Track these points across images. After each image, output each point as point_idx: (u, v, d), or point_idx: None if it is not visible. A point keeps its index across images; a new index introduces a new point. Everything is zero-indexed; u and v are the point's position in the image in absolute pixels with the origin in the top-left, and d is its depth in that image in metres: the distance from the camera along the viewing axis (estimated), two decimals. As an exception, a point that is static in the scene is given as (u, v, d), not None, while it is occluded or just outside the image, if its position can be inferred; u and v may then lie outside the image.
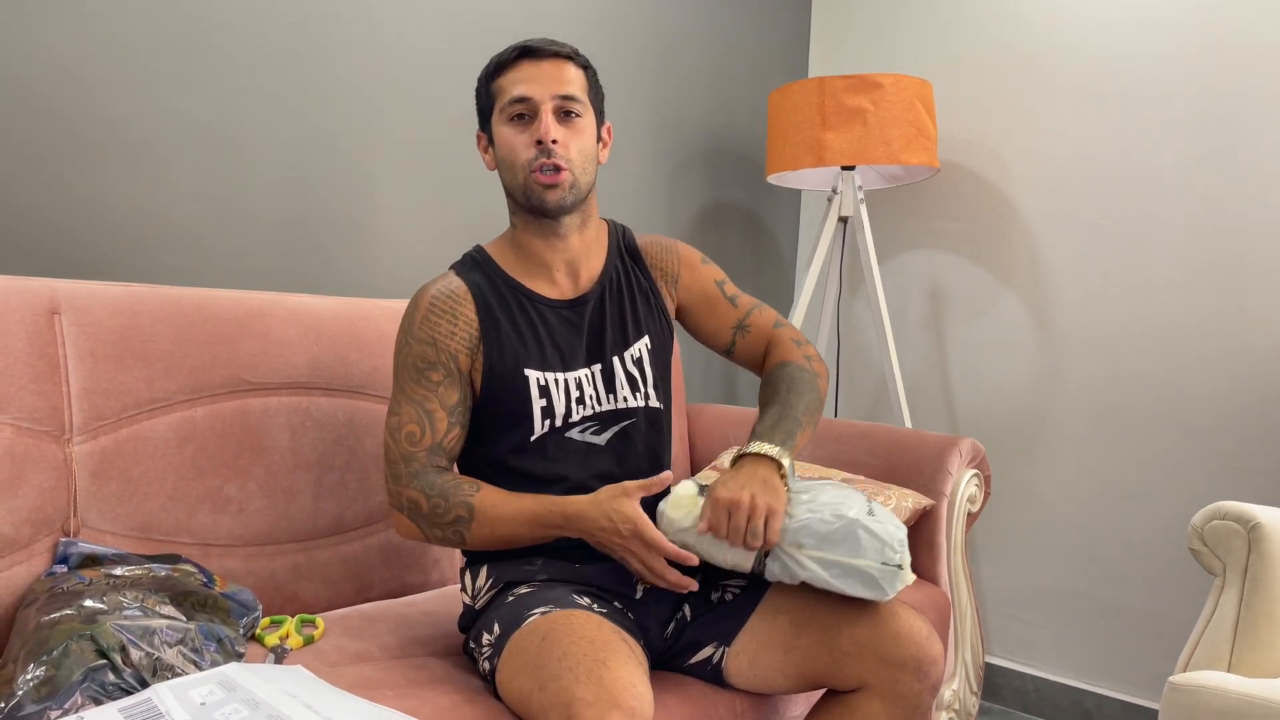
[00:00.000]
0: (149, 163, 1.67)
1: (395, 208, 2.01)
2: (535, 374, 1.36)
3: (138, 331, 1.43)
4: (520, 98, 1.32)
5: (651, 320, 1.47)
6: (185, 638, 1.17)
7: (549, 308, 1.40)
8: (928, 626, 1.32)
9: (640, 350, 1.44)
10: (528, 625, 1.22)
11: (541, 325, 1.39)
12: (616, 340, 1.42)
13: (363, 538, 1.64)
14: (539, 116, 1.32)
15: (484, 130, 1.40)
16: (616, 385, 1.41)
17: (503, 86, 1.34)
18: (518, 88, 1.32)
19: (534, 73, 1.32)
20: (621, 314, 1.44)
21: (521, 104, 1.32)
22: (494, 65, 1.36)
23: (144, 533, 1.40)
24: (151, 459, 1.41)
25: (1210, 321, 2.26)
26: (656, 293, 1.49)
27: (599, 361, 1.41)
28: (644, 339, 1.45)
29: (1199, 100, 2.27)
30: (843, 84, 2.32)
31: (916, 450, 1.98)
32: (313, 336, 1.61)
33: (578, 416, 1.38)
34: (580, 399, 1.38)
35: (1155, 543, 2.34)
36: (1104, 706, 2.40)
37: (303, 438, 1.57)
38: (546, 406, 1.36)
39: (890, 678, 1.29)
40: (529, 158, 1.33)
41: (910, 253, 2.76)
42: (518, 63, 1.33)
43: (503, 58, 1.35)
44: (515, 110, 1.32)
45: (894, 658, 1.28)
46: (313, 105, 1.87)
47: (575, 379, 1.39)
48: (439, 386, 1.33)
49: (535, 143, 1.32)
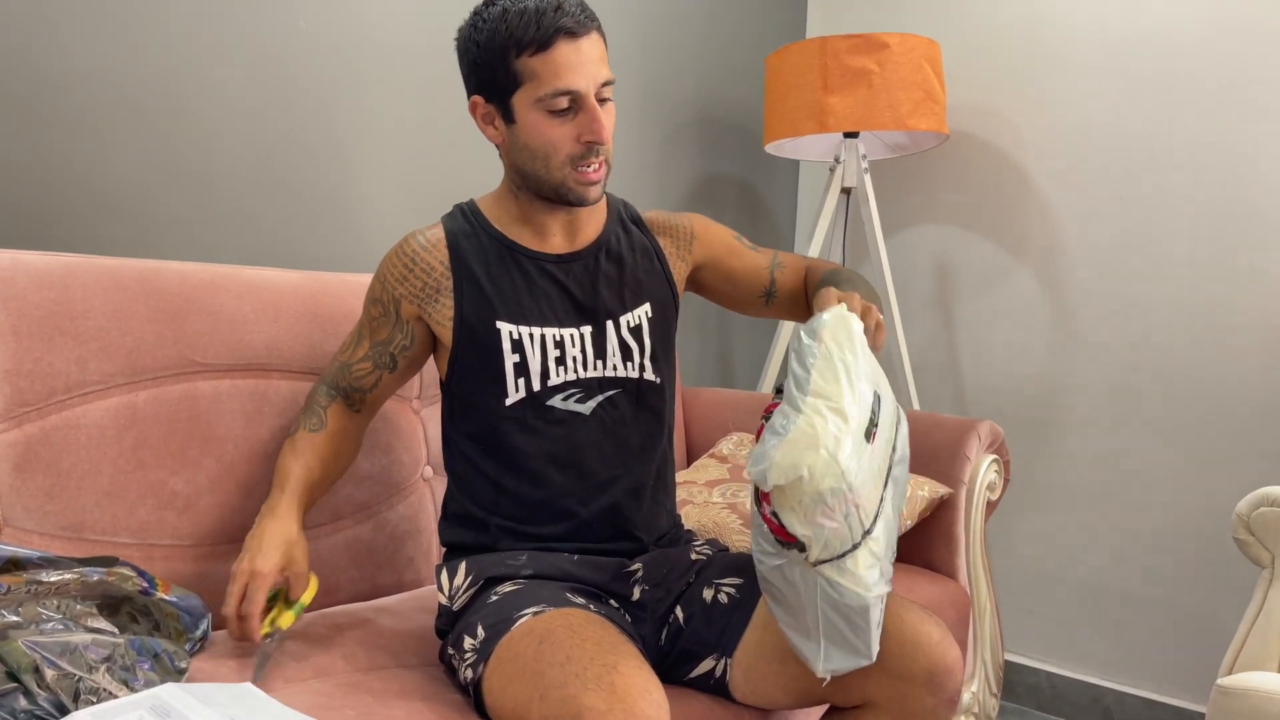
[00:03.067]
0: (88, 124, 1.51)
1: (365, 174, 1.86)
2: (508, 326, 1.25)
3: (69, 306, 1.27)
4: (567, 91, 1.16)
5: (655, 285, 1.36)
6: (114, 654, 1.02)
7: (530, 259, 1.29)
8: (941, 629, 1.18)
9: (639, 317, 1.33)
10: (520, 627, 1.09)
11: (520, 276, 1.28)
12: (613, 302, 1.31)
13: (328, 535, 1.49)
14: (583, 109, 1.19)
15: (492, 103, 1.22)
16: (607, 351, 1.30)
17: (537, 72, 1.16)
18: (562, 79, 1.16)
19: (575, 58, 1.16)
20: (620, 275, 1.33)
21: (567, 96, 1.17)
22: (519, 41, 1.16)
23: (76, 532, 1.25)
24: (84, 449, 1.26)
25: (1238, 296, 2.14)
26: (663, 258, 1.39)
27: (590, 323, 1.30)
28: (645, 305, 1.34)
29: (1220, 67, 2.15)
30: (845, 44, 2.18)
31: (931, 434, 1.85)
32: (270, 313, 1.46)
33: (557, 379, 1.26)
34: (561, 359, 1.26)
35: (1179, 532, 2.22)
36: (1125, 704, 2.28)
37: (259, 425, 1.42)
38: (520, 363, 1.25)
39: (899, 693, 1.15)
40: (572, 154, 1.20)
41: (917, 226, 2.63)
42: (554, 43, 1.15)
43: (533, 36, 1.15)
44: (560, 104, 1.17)
45: (902, 670, 1.15)
46: (273, 62, 1.71)
47: (555, 335, 1.27)
48: (373, 321, 1.33)
49: (579, 139, 1.20)
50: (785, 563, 1.08)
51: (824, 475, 1.00)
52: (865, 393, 1.07)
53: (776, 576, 1.09)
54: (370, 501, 1.54)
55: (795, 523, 1.02)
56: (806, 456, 1.00)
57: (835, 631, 1.09)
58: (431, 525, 1.62)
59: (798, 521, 1.02)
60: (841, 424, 1.02)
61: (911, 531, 1.83)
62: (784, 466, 1.00)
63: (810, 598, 1.07)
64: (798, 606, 1.09)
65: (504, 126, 1.23)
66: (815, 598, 1.07)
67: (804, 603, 1.08)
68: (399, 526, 1.57)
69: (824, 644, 1.09)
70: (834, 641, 1.09)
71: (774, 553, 1.08)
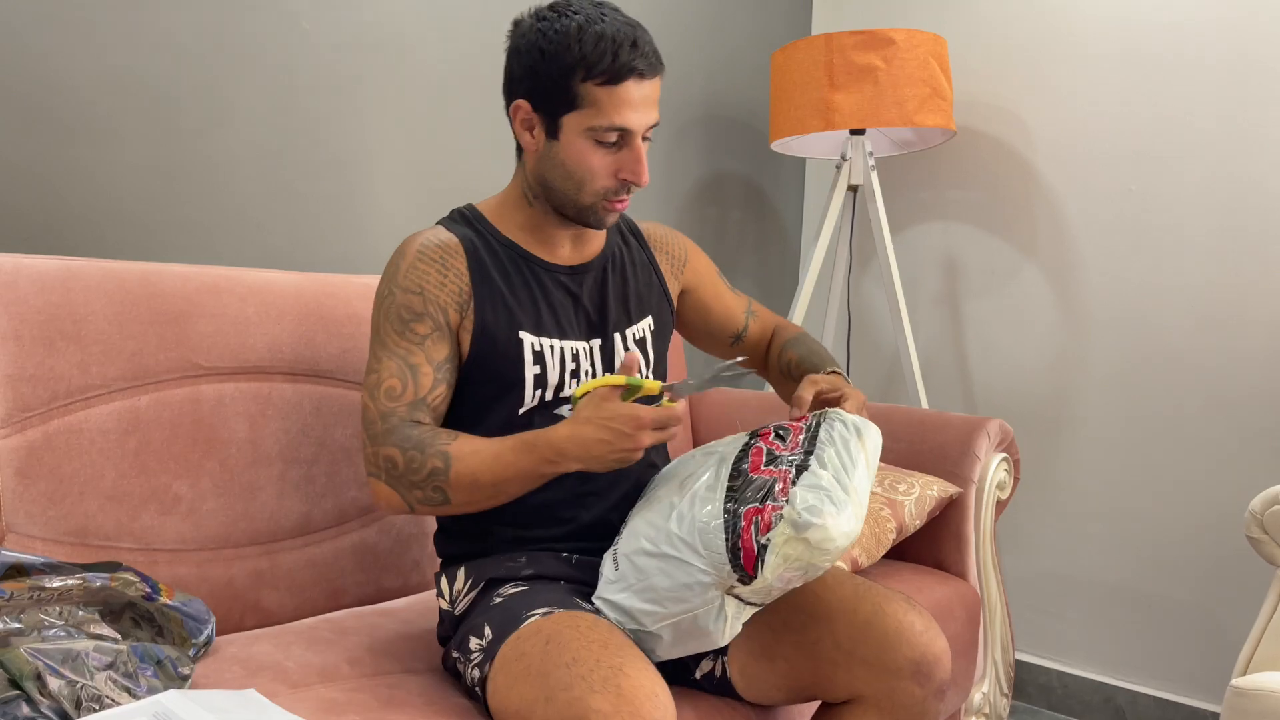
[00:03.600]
0: (90, 127, 1.51)
1: (367, 176, 1.85)
2: (530, 338, 1.24)
3: (70, 310, 1.26)
4: (621, 129, 1.16)
5: (653, 300, 1.37)
6: (116, 661, 1.01)
7: (546, 271, 1.28)
8: (925, 619, 1.17)
9: (644, 330, 1.34)
10: (527, 627, 1.08)
11: (538, 288, 1.26)
12: (619, 316, 1.31)
13: (333, 539, 1.48)
14: (629, 146, 1.19)
15: (539, 113, 1.19)
16: (615, 364, 1.29)
17: (599, 101, 1.15)
18: (621, 116, 1.15)
19: (638, 98, 1.16)
20: (624, 289, 1.33)
21: (618, 133, 1.17)
22: (590, 66, 1.14)
23: (79, 538, 1.24)
24: (87, 454, 1.25)
25: (1250, 291, 2.11)
26: (660, 274, 1.40)
27: (599, 337, 1.30)
28: (647, 319, 1.35)
29: (1232, 57, 2.12)
30: (851, 40, 2.17)
31: (940, 433, 1.83)
32: (274, 315, 1.45)
33: (569, 391, 1.26)
34: (575, 371, 1.26)
35: (1192, 530, 2.19)
36: (1137, 703, 2.26)
37: (263, 428, 1.41)
38: (540, 375, 1.23)
39: (886, 687, 1.14)
40: (607, 187, 1.20)
41: (924, 224, 2.61)
42: (624, 80, 1.14)
43: (606, 66, 1.13)
44: (610, 138, 1.17)
45: (887, 663, 1.13)
46: (275, 64, 1.70)
47: (572, 348, 1.26)
48: (425, 340, 1.19)
49: (617, 174, 1.19)
50: (704, 571, 1.09)
51: (832, 557, 1.06)
52: None
53: (674, 567, 1.10)
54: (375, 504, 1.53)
55: (773, 565, 1.06)
56: (843, 541, 1.05)
57: (676, 633, 1.13)
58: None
59: (774, 566, 1.06)
60: (857, 530, 1.08)
61: (921, 531, 1.81)
62: (835, 535, 1.05)
63: (684, 606, 1.10)
64: (665, 598, 1.11)
65: (543, 138, 1.20)
66: (692, 609, 1.10)
67: (671, 602, 1.11)
68: (404, 529, 1.56)
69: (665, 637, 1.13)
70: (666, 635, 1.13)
71: (704, 560, 1.09)
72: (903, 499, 1.70)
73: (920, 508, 1.71)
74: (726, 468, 1.16)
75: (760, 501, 1.08)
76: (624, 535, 1.17)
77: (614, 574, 1.15)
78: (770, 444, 1.17)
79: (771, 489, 1.09)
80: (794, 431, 1.18)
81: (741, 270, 2.69)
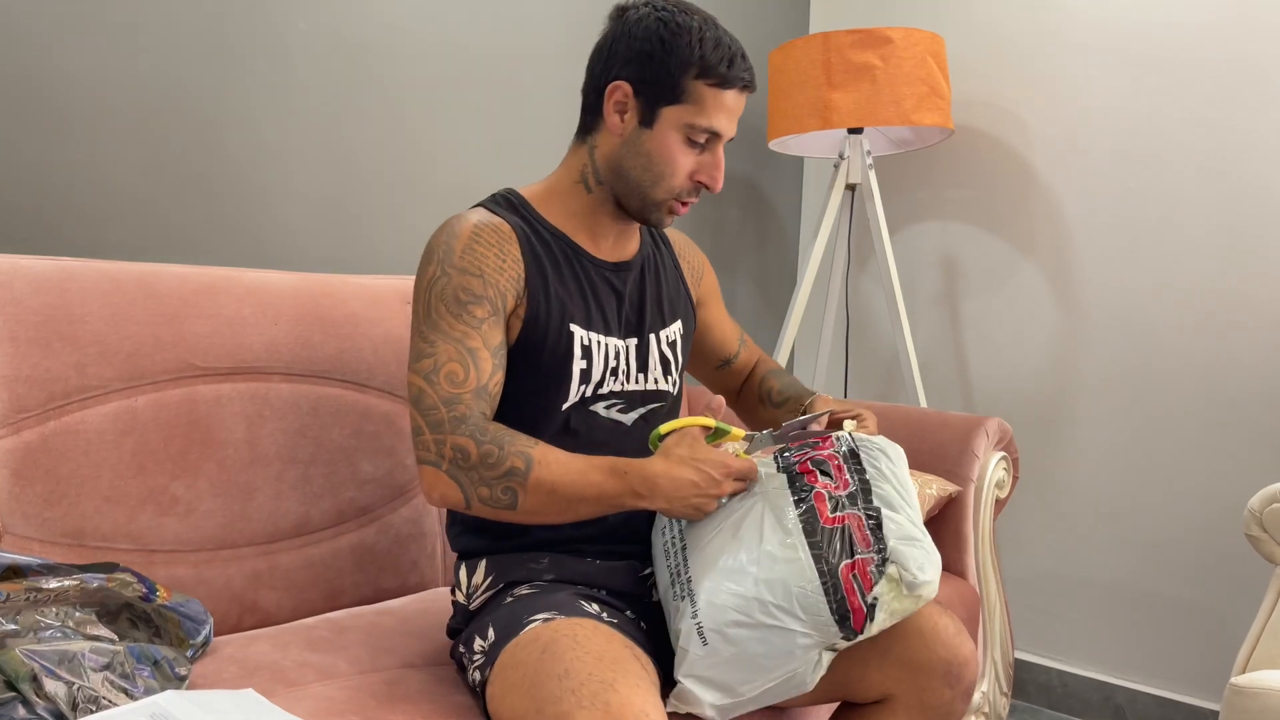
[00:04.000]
0: (86, 126, 1.50)
1: (365, 176, 1.85)
2: (581, 331, 1.22)
3: (67, 311, 1.26)
4: (716, 132, 1.19)
5: (682, 303, 1.38)
6: (113, 661, 1.01)
7: (594, 265, 1.26)
8: (956, 623, 1.19)
9: (675, 333, 1.34)
10: (526, 634, 1.08)
11: (586, 282, 1.25)
12: (655, 317, 1.31)
13: (331, 539, 1.48)
14: (712, 151, 1.21)
15: (640, 97, 1.18)
16: (650, 364, 1.29)
17: (704, 100, 1.17)
18: (718, 119, 1.19)
19: (735, 107, 1.20)
20: (659, 291, 1.34)
21: (709, 136, 1.20)
22: (707, 65, 1.16)
23: (76, 539, 1.24)
24: (84, 455, 1.25)
25: (1248, 288, 2.11)
26: (684, 280, 1.40)
27: (635, 336, 1.29)
28: (678, 322, 1.35)
29: (1229, 53, 2.12)
30: (849, 39, 2.17)
31: (939, 432, 1.83)
32: (271, 316, 1.45)
33: (607, 389, 1.25)
34: (615, 370, 1.25)
35: (1191, 527, 2.19)
36: (1137, 702, 2.26)
37: (260, 429, 1.41)
38: (586, 369, 1.22)
39: (917, 685, 1.15)
40: (683, 186, 1.22)
41: (923, 223, 2.60)
42: (732, 87, 1.18)
43: (722, 71, 1.17)
44: (703, 137, 1.19)
45: (921, 662, 1.15)
46: (272, 63, 1.70)
47: (614, 345, 1.26)
48: (482, 324, 1.14)
49: (694, 175, 1.21)
50: (806, 635, 1.08)
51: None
52: None
53: (774, 635, 1.09)
54: (373, 505, 1.53)
55: (881, 621, 1.08)
56: (938, 584, 1.10)
57: (769, 692, 1.12)
58: (435, 528, 1.61)
59: (883, 622, 1.08)
60: None
61: (920, 530, 1.81)
62: (936, 583, 1.09)
63: (786, 669, 1.10)
64: (765, 665, 1.10)
65: (634, 123, 1.20)
66: (793, 669, 1.10)
67: (771, 668, 1.10)
68: (402, 529, 1.56)
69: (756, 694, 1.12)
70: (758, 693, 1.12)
71: (806, 624, 1.08)
72: (901, 498, 1.70)
73: (920, 507, 1.70)
74: (788, 516, 1.11)
75: (850, 555, 1.08)
76: (700, 605, 1.10)
77: (702, 649, 1.09)
78: (822, 484, 1.14)
79: (851, 539, 1.09)
80: (833, 465, 1.15)
81: (740, 269, 2.69)
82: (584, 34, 2.18)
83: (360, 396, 1.53)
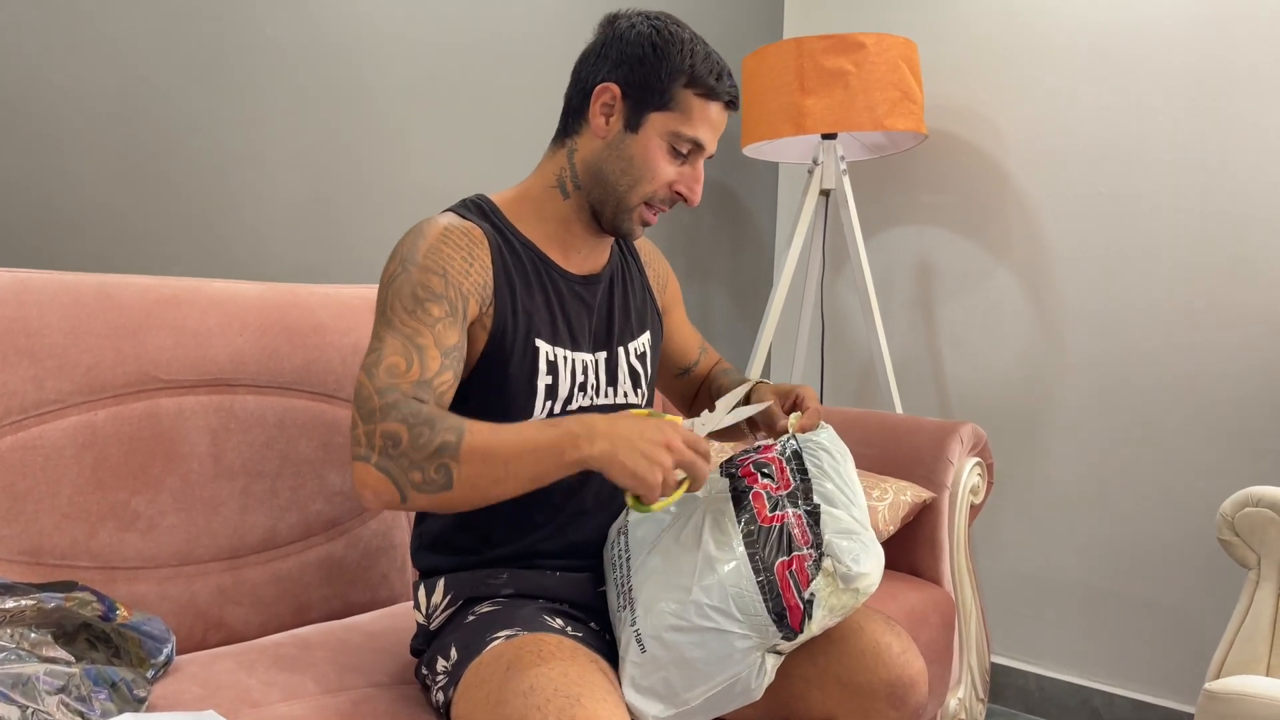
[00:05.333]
0: (43, 136, 1.48)
1: (332, 183, 1.82)
2: (546, 346, 1.20)
3: (23, 324, 1.23)
4: (699, 143, 1.20)
5: (649, 315, 1.36)
6: (69, 684, 0.98)
7: (562, 278, 1.24)
8: (903, 641, 1.16)
9: (644, 345, 1.32)
10: (490, 651, 1.06)
11: (554, 294, 1.23)
12: (623, 329, 1.30)
13: (299, 553, 1.45)
14: (692, 164, 1.22)
15: (627, 100, 1.18)
16: (619, 378, 1.27)
17: (691, 110, 1.18)
18: (702, 130, 1.19)
19: (719, 122, 1.21)
20: (627, 303, 1.32)
21: (693, 146, 1.20)
22: (696, 75, 1.17)
23: (34, 557, 1.21)
24: (42, 471, 1.22)
25: (1220, 292, 2.12)
26: (651, 291, 1.39)
27: (604, 350, 1.27)
28: (646, 333, 1.33)
29: (1201, 63, 2.13)
30: (822, 45, 2.16)
31: (913, 438, 1.83)
32: (236, 326, 1.42)
33: (576, 405, 1.22)
34: (583, 385, 1.23)
35: (1165, 531, 2.20)
36: (1113, 705, 2.26)
37: (225, 442, 1.38)
38: (551, 385, 1.19)
39: (860, 708, 1.14)
40: (658, 193, 1.21)
41: (897, 227, 2.61)
42: (717, 100, 1.19)
43: (709, 82, 1.17)
44: (686, 147, 1.19)
45: (862, 683, 1.12)
46: (235, 71, 1.67)
47: (581, 361, 1.23)
48: (437, 323, 1.10)
49: (672, 185, 1.21)
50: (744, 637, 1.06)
51: (867, 596, 1.08)
52: None
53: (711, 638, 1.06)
54: (342, 517, 1.51)
55: (820, 619, 1.06)
56: (879, 580, 1.08)
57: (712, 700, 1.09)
58: (405, 540, 1.59)
59: (821, 619, 1.06)
60: None
61: (895, 537, 1.80)
62: (875, 577, 1.07)
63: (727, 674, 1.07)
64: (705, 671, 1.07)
65: (618, 126, 1.19)
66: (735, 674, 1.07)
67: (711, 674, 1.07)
68: (372, 542, 1.54)
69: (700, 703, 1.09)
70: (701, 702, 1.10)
71: (743, 624, 1.06)
72: (876, 504, 1.69)
73: (894, 513, 1.70)
74: (727, 518, 1.10)
75: (787, 554, 1.06)
76: (639, 613, 1.09)
77: (640, 657, 1.08)
78: (762, 485, 1.13)
79: (790, 537, 1.08)
80: (775, 466, 1.14)
81: (715, 275, 2.68)
82: (561, 42, 2.17)
83: (328, 408, 1.51)
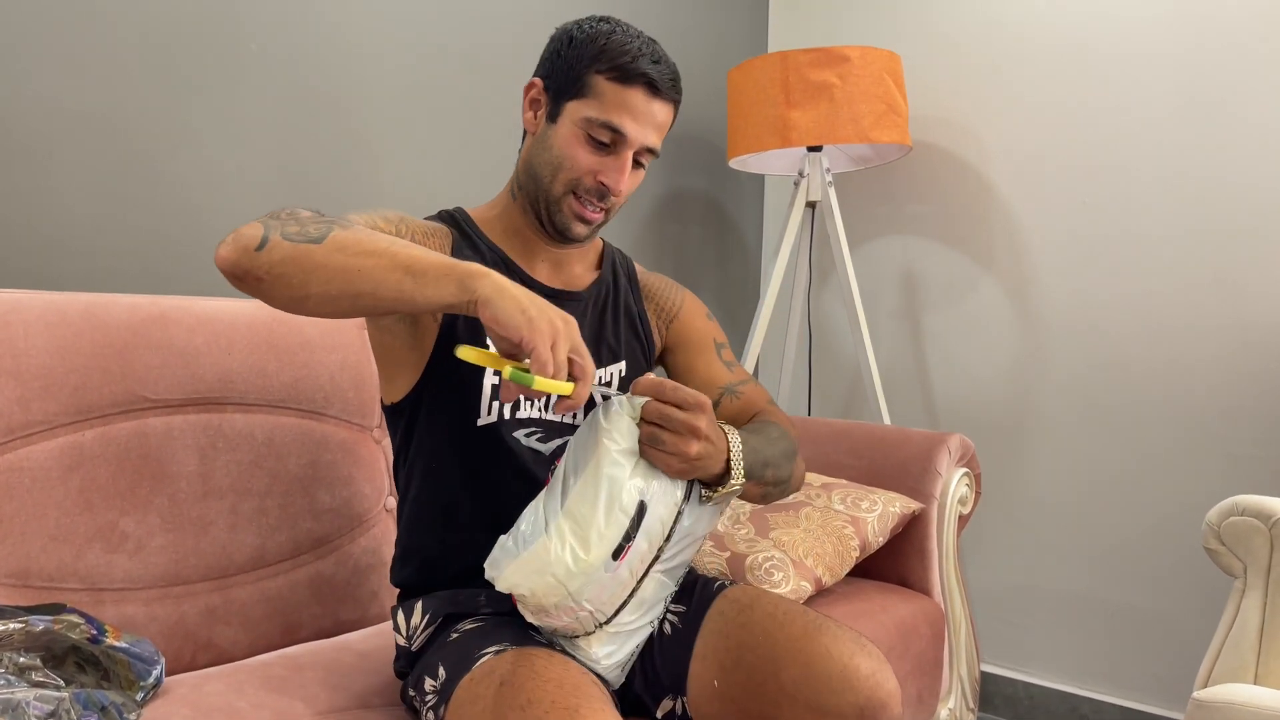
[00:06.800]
0: (30, 154, 1.47)
1: (325, 195, 1.82)
2: None
3: (9, 345, 1.23)
4: (617, 130, 1.15)
5: (633, 346, 1.33)
6: (58, 709, 0.97)
7: (530, 286, 1.24)
8: (874, 661, 1.12)
9: (613, 375, 1.30)
10: (480, 667, 1.05)
11: None
12: (594, 354, 1.27)
13: (288, 571, 1.45)
14: (617, 154, 1.17)
15: (549, 93, 1.20)
16: None
17: (603, 95, 1.15)
18: (617, 116, 1.15)
19: (641, 108, 1.16)
20: (600, 330, 1.30)
21: (612, 134, 1.16)
22: (607, 59, 1.15)
23: (21, 579, 1.20)
24: (28, 493, 1.21)
25: (1204, 302, 2.14)
26: (646, 323, 1.35)
27: None
28: (619, 364, 1.30)
29: (1183, 73, 2.15)
30: (807, 58, 2.18)
31: (901, 449, 1.83)
32: (224, 345, 1.42)
33: (525, 414, 1.22)
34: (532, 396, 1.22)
35: (1152, 538, 2.21)
36: (1102, 712, 2.27)
37: (214, 461, 1.38)
38: (497, 386, 1.19)
39: None
40: (582, 182, 1.18)
41: (882, 238, 2.62)
42: (633, 84, 1.15)
43: (620, 64, 1.15)
44: (602, 135, 1.16)
45: (830, 708, 1.09)
46: (222, 87, 1.67)
47: None
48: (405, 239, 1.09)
49: (595, 174, 1.17)
50: None
51: (548, 594, 1.03)
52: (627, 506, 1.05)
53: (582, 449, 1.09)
54: (331, 535, 1.50)
55: (526, 613, 1.07)
56: (532, 580, 1.03)
57: None
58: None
59: (528, 613, 1.07)
60: (579, 553, 1.03)
61: (884, 548, 1.81)
62: (511, 582, 1.04)
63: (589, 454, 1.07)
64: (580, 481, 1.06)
65: (543, 119, 1.20)
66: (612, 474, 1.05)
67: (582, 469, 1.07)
68: (361, 560, 1.53)
69: None
70: None
71: None
72: (866, 516, 1.70)
73: (883, 525, 1.71)
74: None
75: None
76: None
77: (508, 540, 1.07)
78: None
79: None
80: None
81: (703, 287, 2.69)
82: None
83: (317, 425, 1.50)
